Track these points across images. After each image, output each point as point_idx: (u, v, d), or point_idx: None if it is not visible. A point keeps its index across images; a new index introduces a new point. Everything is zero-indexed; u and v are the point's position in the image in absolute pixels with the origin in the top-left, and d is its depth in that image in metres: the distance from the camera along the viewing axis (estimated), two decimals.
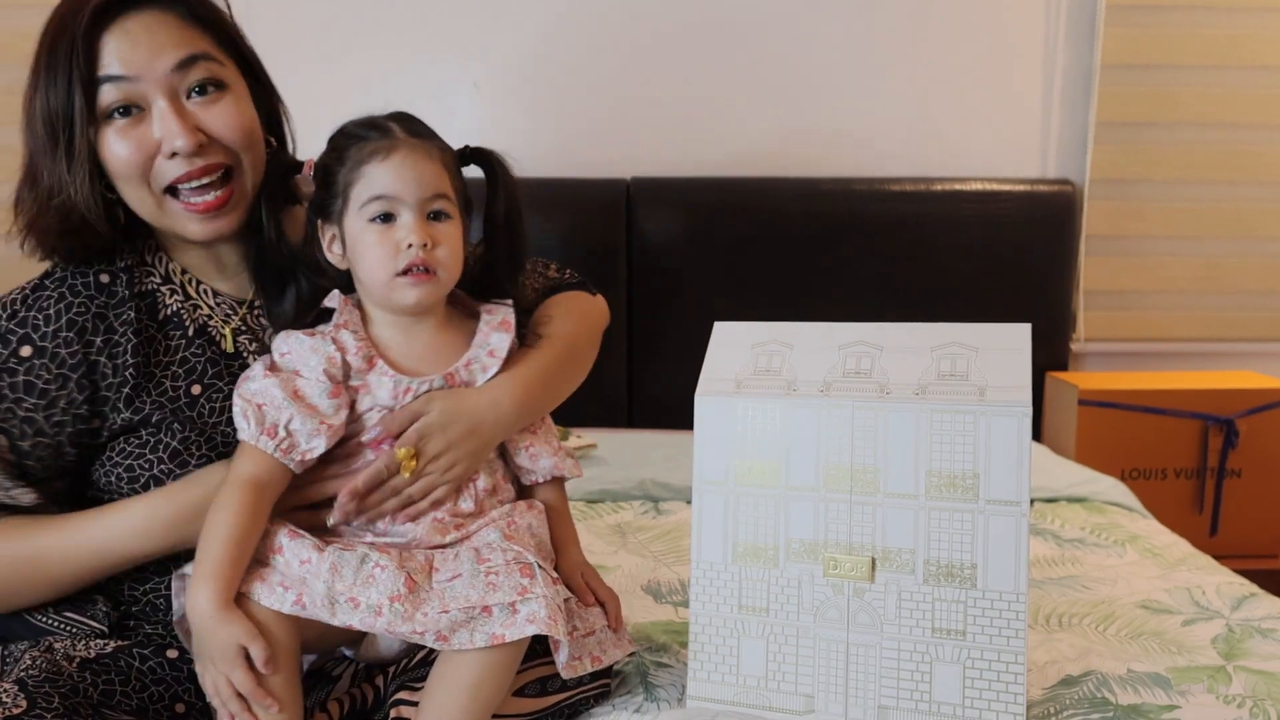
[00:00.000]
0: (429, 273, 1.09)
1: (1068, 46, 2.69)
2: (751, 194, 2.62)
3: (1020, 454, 1.10)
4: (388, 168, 1.07)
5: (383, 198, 1.07)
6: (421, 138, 1.11)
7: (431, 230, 1.09)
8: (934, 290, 2.60)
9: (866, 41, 2.68)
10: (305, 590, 1.02)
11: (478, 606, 1.02)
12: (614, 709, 1.19)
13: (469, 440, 1.12)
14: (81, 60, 1.07)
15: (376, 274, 1.09)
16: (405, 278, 1.08)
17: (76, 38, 1.07)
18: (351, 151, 1.09)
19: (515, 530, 1.13)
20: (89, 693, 1.04)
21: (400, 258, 1.07)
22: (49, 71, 1.08)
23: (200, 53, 1.11)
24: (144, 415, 1.12)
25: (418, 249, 1.07)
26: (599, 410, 2.56)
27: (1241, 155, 2.70)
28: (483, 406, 1.13)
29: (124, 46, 1.08)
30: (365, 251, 1.09)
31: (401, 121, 1.12)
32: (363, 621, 1.01)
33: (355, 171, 1.08)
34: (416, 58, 2.66)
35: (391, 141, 1.09)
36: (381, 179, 1.07)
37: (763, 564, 1.18)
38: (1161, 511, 2.15)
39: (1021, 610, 1.10)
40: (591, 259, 2.57)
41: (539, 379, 1.20)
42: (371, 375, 1.10)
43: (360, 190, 1.08)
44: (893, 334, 1.20)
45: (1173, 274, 2.74)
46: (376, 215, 1.08)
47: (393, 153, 1.08)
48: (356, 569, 1.03)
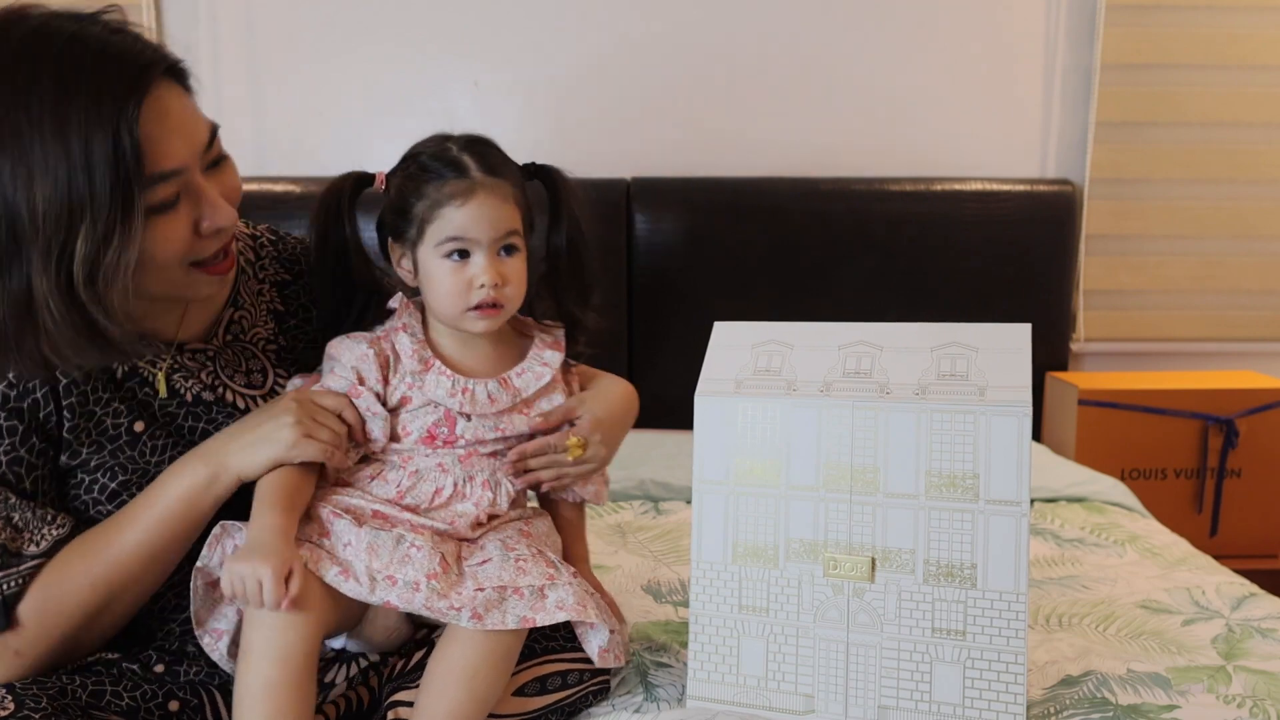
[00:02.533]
0: (496, 307, 1.15)
1: (1068, 46, 2.69)
2: (751, 194, 2.62)
3: (1020, 454, 1.10)
4: (465, 212, 1.12)
5: (459, 239, 1.12)
6: (496, 176, 1.14)
7: (502, 268, 1.14)
8: (934, 290, 2.60)
9: (867, 42, 2.68)
10: (348, 566, 1.05)
11: (509, 587, 1.07)
12: (614, 709, 1.19)
13: (621, 432, 1.29)
14: (130, 158, 0.94)
15: (447, 306, 1.15)
16: (474, 312, 1.14)
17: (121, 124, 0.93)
18: (430, 189, 1.12)
19: (532, 533, 1.19)
20: (78, 694, 1.03)
21: (472, 295, 1.13)
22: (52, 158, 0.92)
23: (210, 123, 1.07)
24: (81, 459, 1.10)
25: (489, 289, 1.13)
26: None
27: (1241, 155, 2.70)
28: (626, 402, 1.32)
29: (163, 132, 0.98)
30: (438, 284, 1.14)
31: (478, 157, 1.14)
32: (400, 598, 1.03)
33: (433, 211, 1.12)
34: (416, 58, 2.66)
35: (470, 185, 1.12)
36: (458, 222, 1.12)
37: (763, 564, 1.18)
38: (1161, 511, 2.15)
39: (1021, 610, 1.10)
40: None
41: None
42: (429, 375, 1.16)
43: (437, 229, 1.12)
44: (893, 334, 1.20)
45: (1173, 274, 2.74)
46: (452, 253, 1.13)
47: (471, 198, 1.12)
48: (393, 549, 1.06)
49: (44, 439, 1.08)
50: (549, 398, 1.23)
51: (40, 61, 0.94)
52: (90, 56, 0.95)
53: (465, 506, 1.15)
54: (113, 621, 1.11)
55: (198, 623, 1.08)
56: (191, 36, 2.61)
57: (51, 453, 1.10)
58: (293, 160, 2.63)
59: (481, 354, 1.20)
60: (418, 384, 1.15)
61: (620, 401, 1.30)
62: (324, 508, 1.10)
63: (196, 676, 1.13)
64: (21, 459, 1.07)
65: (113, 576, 1.07)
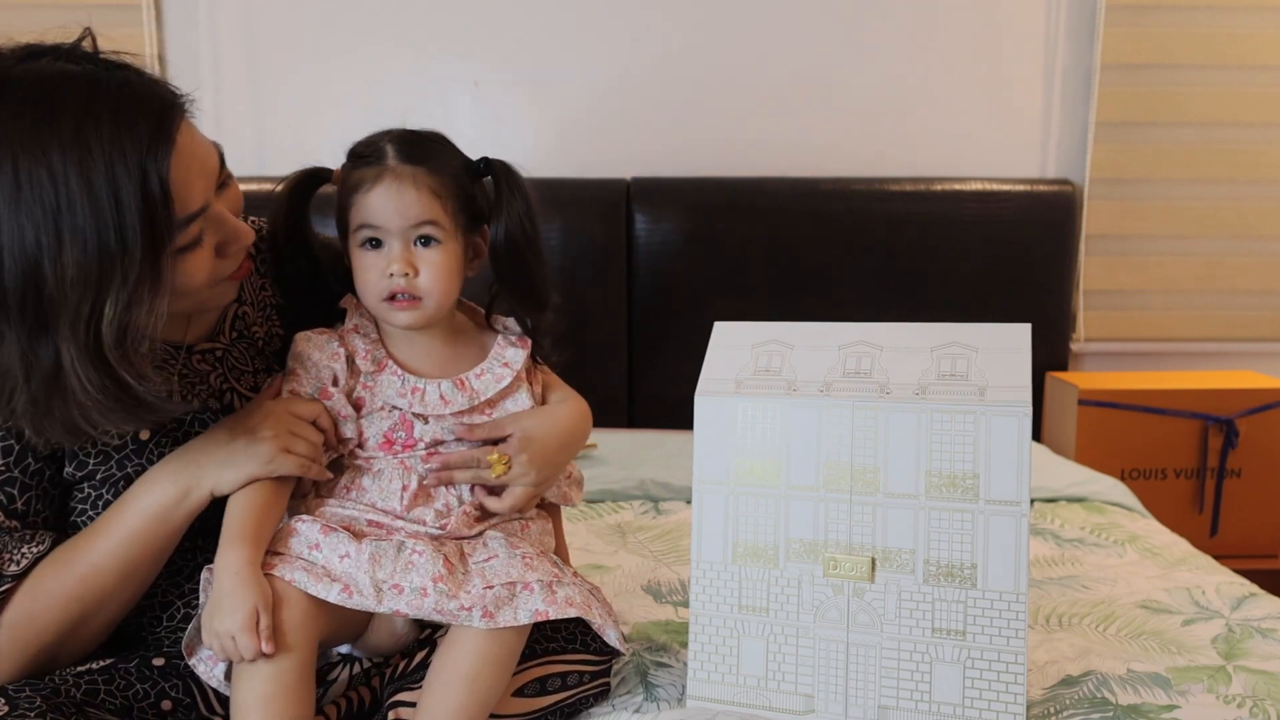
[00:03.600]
0: (413, 299, 1.12)
1: (1068, 46, 2.69)
2: (751, 194, 2.62)
3: (1020, 454, 1.10)
4: (373, 197, 1.10)
5: (368, 226, 1.11)
6: (412, 163, 1.11)
7: (414, 257, 1.11)
8: (934, 290, 2.60)
9: (867, 42, 2.68)
10: (351, 581, 1.04)
11: (519, 583, 1.07)
12: (614, 709, 1.19)
13: (559, 454, 1.21)
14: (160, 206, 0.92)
15: (368, 296, 1.14)
16: (390, 303, 1.12)
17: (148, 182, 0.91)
18: (351, 176, 1.13)
19: (528, 535, 1.19)
20: (71, 693, 1.03)
21: (385, 284, 1.11)
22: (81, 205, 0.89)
23: (218, 146, 1.06)
24: (88, 470, 1.09)
25: (399, 278, 1.11)
26: (599, 410, 2.55)
27: (1241, 155, 2.70)
28: (567, 422, 1.23)
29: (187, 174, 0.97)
30: (359, 274, 1.13)
31: (397, 144, 1.13)
32: (409, 605, 1.03)
33: (349, 198, 1.12)
34: (416, 58, 2.66)
35: (379, 170, 1.11)
36: (367, 208, 1.11)
37: (763, 564, 1.18)
38: (1161, 511, 2.15)
39: (1021, 610, 1.10)
40: (591, 259, 2.58)
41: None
42: (382, 375, 1.15)
43: (352, 217, 1.12)
44: (893, 334, 1.20)
45: (1173, 274, 2.74)
46: (365, 241, 1.12)
47: (378, 182, 1.11)
48: (395, 557, 1.05)
49: (41, 458, 1.07)
50: (514, 397, 1.21)
51: (57, 114, 0.90)
52: (108, 104, 0.92)
53: (426, 513, 1.13)
54: (89, 636, 1.10)
55: (188, 651, 1.07)
56: (191, 37, 2.61)
57: (49, 471, 1.08)
58: (293, 160, 2.59)
59: (435, 354, 1.18)
60: (370, 384, 1.14)
61: (563, 422, 1.23)
62: (313, 523, 1.08)
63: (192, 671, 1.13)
64: (15, 479, 1.06)
65: (86, 592, 1.06)
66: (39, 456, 1.07)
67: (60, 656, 1.09)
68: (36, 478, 1.08)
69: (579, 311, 2.59)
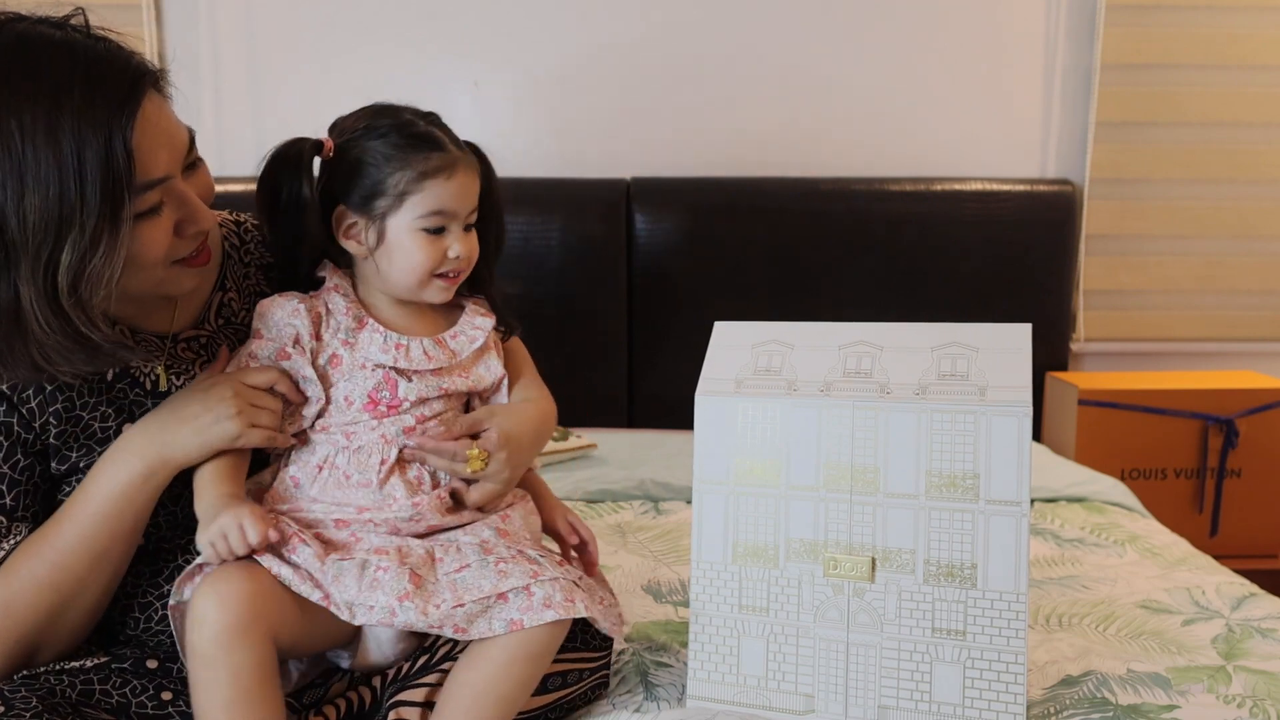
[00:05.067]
0: (457, 276, 1.18)
1: (1068, 46, 2.69)
2: (751, 194, 2.62)
3: (1020, 454, 1.10)
4: (451, 187, 1.14)
5: (442, 213, 1.14)
6: (464, 150, 1.17)
7: (469, 240, 1.17)
8: (934, 290, 2.60)
9: (867, 41, 2.68)
10: (331, 592, 1.03)
11: (492, 595, 1.05)
12: (614, 708, 1.19)
13: (530, 451, 1.22)
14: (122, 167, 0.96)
15: (413, 274, 1.15)
16: (440, 279, 1.16)
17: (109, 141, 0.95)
18: (411, 162, 1.13)
19: (510, 526, 1.17)
20: (67, 693, 1.03)
21: (444, 265, 1.15)
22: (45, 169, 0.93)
23: (189, 128, 1.09)
24: (70, 463, 1.10)
25: (462, 260, 1.16)
26: (599, 410, 2.56)
27: (1241, 155, 2.70)
28: (540, 417, 1.24)
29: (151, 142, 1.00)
30: (409, 254, 1.14)
31: (445, 131, 1.17)
32: (382, 621, 1.03)
33: (417, 183, 1.13)
34: (416, 58, 2.66)
35: (453, 159, 1.15)
36: (444, 197, 1.13)
37: (763, 564, 1.18)
38: (1161, 511, 2.15)
39: (1021, 610, 1.10)
40: (591, 259, 2.58)
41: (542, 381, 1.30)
42: (362, 333, 1.15)
43: (420, 202, 1.13)
44: (893, 334, 1.20)
45: (1173, 274, 2.74)
46: (432, 227, 1.14)
47: (456, 173, 1.15)
48: (359, 576, 1.04)
49: (31, 453, 1.08)
50: (484, 362, 1.22)
51: (32, 71, 0.95)
52: (81, 66, 0.96)
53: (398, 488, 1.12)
54: (69, 628, 1.09)
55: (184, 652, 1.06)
56: (191, 37, 2.61)
57: (39, 467, 1.09)
58: None
59: (414, 318, 1.20)
60: (350, 341, 1.14)
61: (534, 421, 1.24)
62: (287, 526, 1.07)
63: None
64: (4, 475, 1.08)
65: (58, 578, 1.06)
66: (29, 452, 1.08)
67: (42, 649, 1.09)
68: (26, 473, 1.09)
69: (579, 312, 2.59)
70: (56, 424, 1.09)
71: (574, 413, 2.42)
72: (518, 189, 2.60)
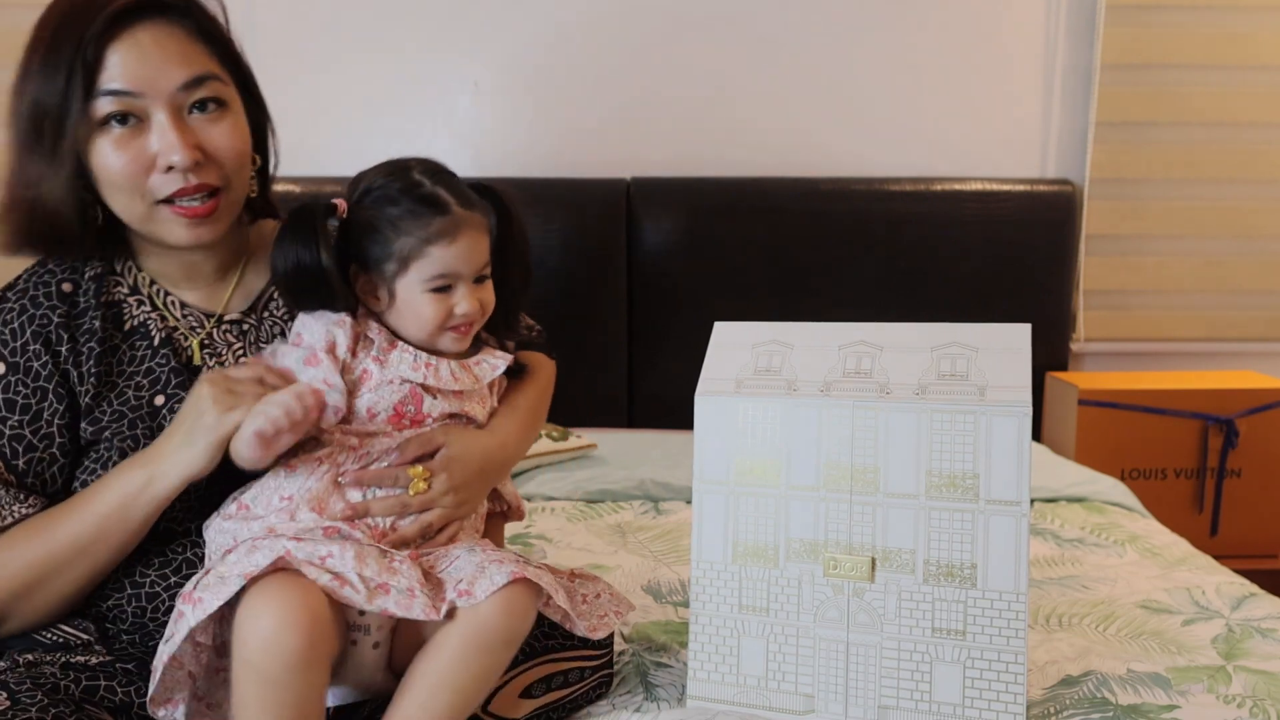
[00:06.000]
0: (471, 326, 1.18)
1: (1068, 46, 2.69)
2: (751, 194, 2.62)
3: (1020, 454, 1.10)
4: (454, 251, 1.13)
5: (446, 275, 1.14)
6: (472, 209, 1.16)
7: (480, 294, 1.17)
8: (934, 290, 2.60)
9: (866, 41, 2.68)
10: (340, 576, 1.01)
11: (487, 561, 1.06)
12: (614, 708, 1.19)
13: (480, 478, 1.17)
14: (86, 66, 1.05)
15: (423, 330, 1.15)
16: (453, 331, 1.16)
17: (85, 42, 1.05)
18: (415, 228, 1.13)
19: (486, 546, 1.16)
20: (70, 690, 1.04)
21: (452, 320, 1.15)
22: (46, 66, 1.06)
23: (207, 73, 1.12)
24: (100, 426, 1.12)
25: (471, 315, 1.16)
26: (599, 410, 2.56)
27: (1241, 155, 2.70)
28: (493, 447, 1.19)
29: (132, 60, 1.07)
30: (419, 312, 1.15)
31: (451, 190, 1.15)
32: (398, 604, 1.01)
33: (420, 249, 1.13)
34: (416, 58, 2.66)
35: (454, 222, 1.14)
36: (447, 260, 1.13)
37: (763, 564, 1.18)
38: (1161, 511, 2.15)
39: (1021, 610, 1.10)
40: (591, 259, 2.58)
41: (531, 420, 1.27)
42: (394, 353, 1.15)
43: (423, 267, 1.13)
44: (893, 334, 1.20)
45: (1173, 274, 2.74)
46: (438, 288, 1.14)
47: (458, 236, 1.14)
48: (379, 558, 1.04)
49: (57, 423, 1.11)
50: (490, 401, 1.23)
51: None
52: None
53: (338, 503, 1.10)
54: (36, 608, 1.10)
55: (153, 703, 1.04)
56: None
57: (60, 439, 1.11)
58: (293, 160, 2.60)
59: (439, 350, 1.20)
60: (382, 359, 1.14)
61: (485, 449, 1.18)
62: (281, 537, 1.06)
63: None
64: (23, 437, 1.10)
65: (43, 561, 1.07)
66: (55, 422, 1.11)
67: (9, 618, 1.10)
68: (45, 441, 1.11)
69: (579, 312, 2.59)
70: (95, 385, 1.12)
71: (574, 413, 2.42)
72: (518, 189, 2.58)
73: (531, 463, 2.14)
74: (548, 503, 2.03)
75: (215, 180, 1.12)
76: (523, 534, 1.85)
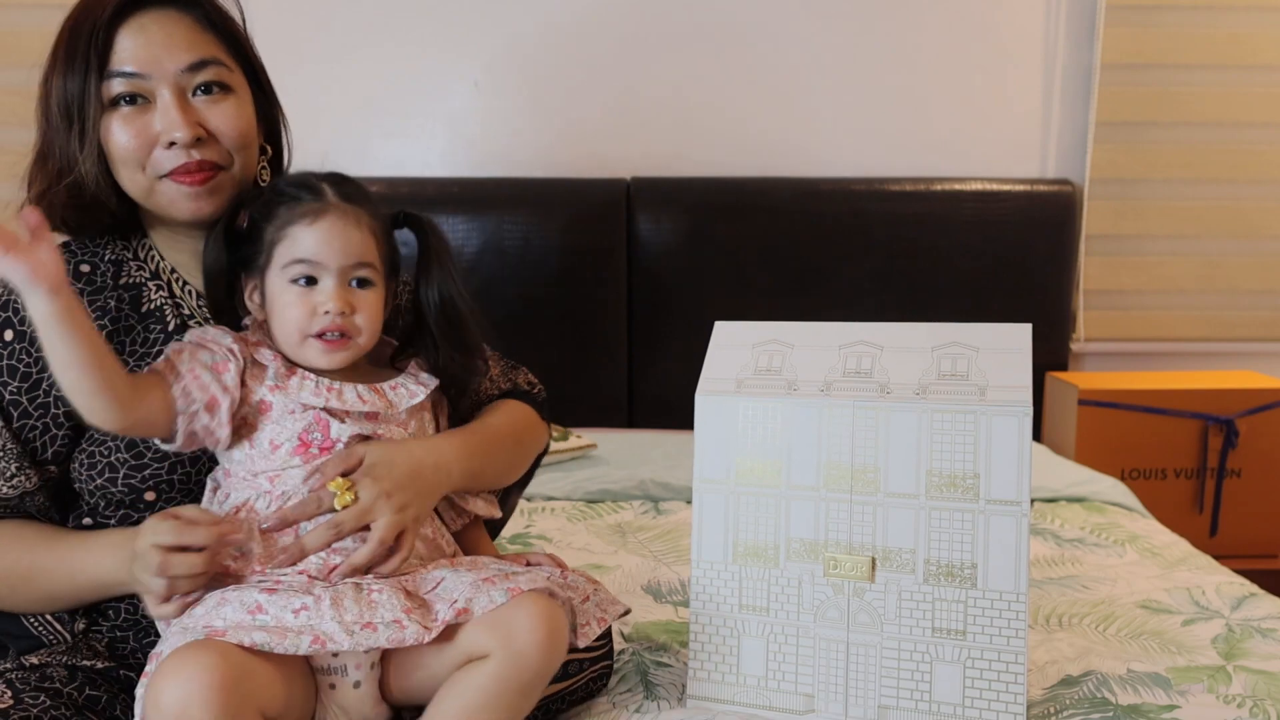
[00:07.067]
0: (344, 337, 1.09)
1: (1068, 46, 2.69)
2: (751, 194, 2.62)
3: (1020, 454, 1.10)
4: (314, 231, 1.07)
5: (306, 261, 1.07)
6: (353, 203, 1.10)
7: (351, 297, 1.09)
8: (934, 290, 2.60)
9: (866, 41, 2.68)
10: (318, 631, 0.96)
11: (478, 581, 1.02)
12: (614, 708, 1.19)
13: (414, 482, 1.10)
14: (98, 52, 1.11)
15: (290, 333, 1.09)
16: (318, 340, 1.08)
17: (97, 29, 1.11)
18: (281, 210, 1.09)
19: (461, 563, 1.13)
20: (73, 696, 1.05)
21: (315, 321, 1.08)
22: (69, 59, 1.12)
23: (211, 57, 1.15)
24: None
25: (335, 315, 1.07)
26: (599, 410, 2.56)
27: (1241, 155, 2.70)
28: (420, 453, 1.12)
29: (139, 44, 1.12)
30: (283, 310, 1.09)
31: (335, 184, 1.11)
32: (389, 639, 0.96)
33: (282, 231, 1.08)
34: (416, 58, 2.66)
35: (322, 205, 1.09)
36: (307, 243, 1.07)
37: (763, 564, 1.18)
38: (1161, 511, 2.15)
39: (1022, 610, 1.10)
40: (591, 259, 2.58)
41: (480, 444, 1.21)
42: (293, 379, 1.09)
43: (284, 250, 1.08)
44: (893, 334, 1.20)
45: (1173, 274, 2.74)
46: (299, 277, 1.08)
47: (321, 217, 1.08)
48: (356, 597, 0.99)
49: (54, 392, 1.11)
50: (421, 420, 1.17)
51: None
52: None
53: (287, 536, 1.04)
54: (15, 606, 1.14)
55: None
56: None
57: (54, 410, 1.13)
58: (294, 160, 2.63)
59: (347, 374, 1.12)
60: (281, 385, 1.08)
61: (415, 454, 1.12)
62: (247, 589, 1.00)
63: None
64: (19, 403, 1.12)
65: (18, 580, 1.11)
66: (52, 393, 1.12)
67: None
68: (40, 410, 1.13)
69: (579, 312, 2.59)
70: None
71: (574, 413, 2.42)
72: (518, 189, 2.60)
73: None
74: (548, 503, 2.03)
75: (217, 158, 1.15)
76: (523, 534, 1.85)
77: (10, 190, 1.20)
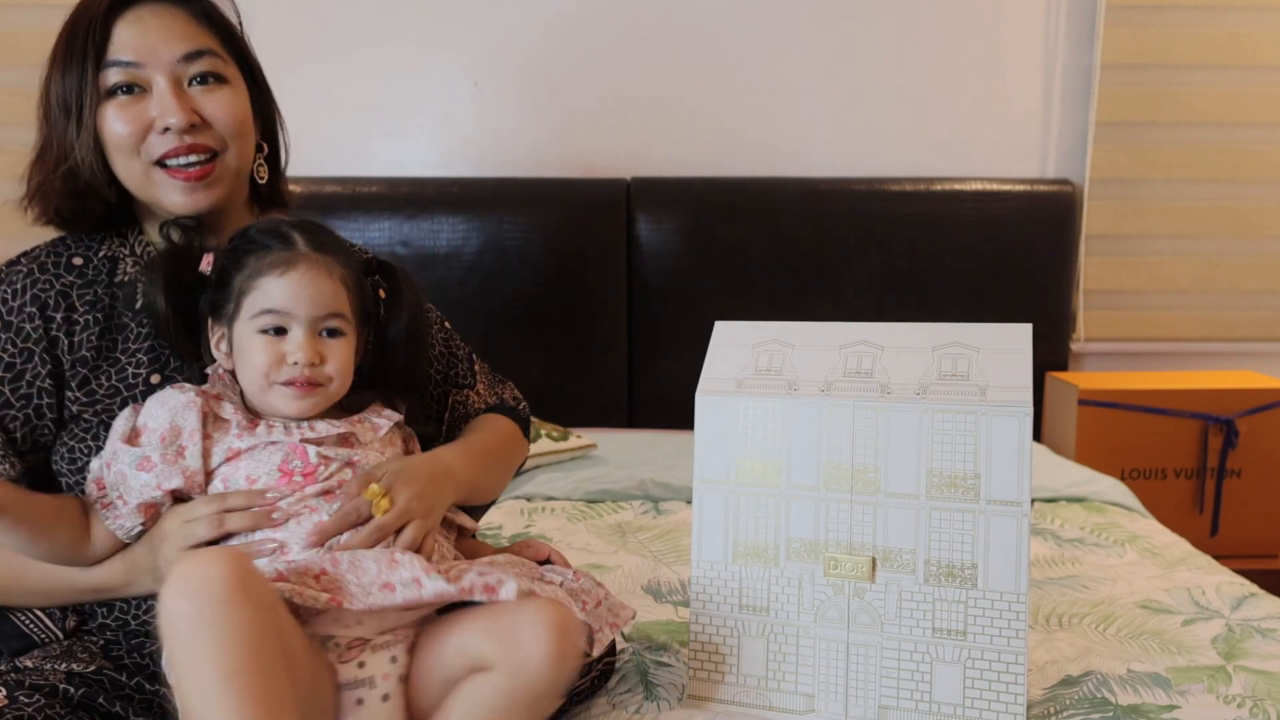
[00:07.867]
0: (314, 385, 1.08)
1: (1068, 46, 2.69)
2: (751, 194, 2.62)
3: (1021, 454, 1.10)
4: (284, 282, 1.07)
5: (275, 312, 1.07)
6: (324, 252, 1.10)
7: (321, 346, 1.08)
8: (934, 290, 2.60)
9: (867, 41, 2.68)
10: (338, 588, 0.95)
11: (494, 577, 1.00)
12: (614, 708, 1.19)
13: (434, 487, 1.12)
14: (95, 44, 1.13)
15: (256, 380, 1.08)
16: (287, 387, 1.07)
17: (94, 23, 1.14)
18: (250, 260, 1.08)
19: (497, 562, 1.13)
20: (70, 694, 1.05)
21: (284, 371, 1.07)
22: (67, 55, 1.15)
23: (206, 48, 1.17)
24: (94, 398, 1.15)
25: (304, 367, 1.07)
26: (599, 410, 2.56)
27: (1241, 155, 2.70)
28: (431, 463, 1.15)
29: (135, 34, 1.15)
30: (250, 358, 1.08)
31: (306, 233, 1.10)
32: (405, 597, 0.94)
33: (251, 281, 1.07)
34: (416, 58, 2.66)
35: (291, 255, 1.08)
36: (276, 293, 1.07)
37: (763, 564, 1.18)
38: (1161, 511, 2.15)
39: (1022, 610, 1.10)
40: (591, 259, 2.58)
41: (476, 458, 1.23)
42: (259, 427, 1.09)
43: (254, 301, 1.07)
44: (893, 334, 1.20)
45: (1173, 274, 2.74)
46: (268, 328, 1.07)
47: (291, 267, 1.07)
48: (377, 558, 0.98)
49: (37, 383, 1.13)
50: (395, 449, 1.16)
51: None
52: None
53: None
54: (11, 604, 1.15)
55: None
56: None
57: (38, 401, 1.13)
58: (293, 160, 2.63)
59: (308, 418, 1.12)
60: (246, 433, 1.07)
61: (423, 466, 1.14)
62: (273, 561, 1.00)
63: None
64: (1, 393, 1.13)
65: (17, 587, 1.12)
66: (36, 384, 1.13)
67: None
68: (23, 402, 1.14)
69: (579, 312, 2.59)
70: (92, 357, 1.15)
71: (574, 413, 2.42)
72: (518, 189, 2.60)
73: (532, 463, 2.14)
74: (548, 503, 2.03)
75: (211, 143, 1.16)
76: (522, 534, 1.85)
77: (10, 190, 1.20)
